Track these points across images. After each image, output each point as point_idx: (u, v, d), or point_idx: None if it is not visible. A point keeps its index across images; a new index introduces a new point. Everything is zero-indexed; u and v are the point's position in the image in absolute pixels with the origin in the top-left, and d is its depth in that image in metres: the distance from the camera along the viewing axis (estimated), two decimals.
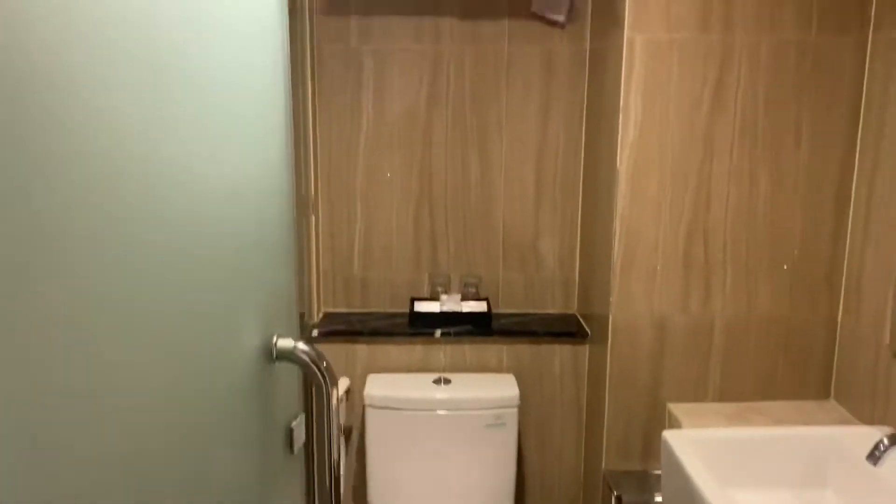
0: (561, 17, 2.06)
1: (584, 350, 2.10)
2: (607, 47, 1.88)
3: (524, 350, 2.08)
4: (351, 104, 2.11)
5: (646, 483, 1.87)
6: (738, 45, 1.72)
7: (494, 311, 2.15)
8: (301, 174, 2.02)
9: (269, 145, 0.88)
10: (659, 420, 1.88)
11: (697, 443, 1.57)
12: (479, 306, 2.11)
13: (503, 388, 2.00)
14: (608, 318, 1.84)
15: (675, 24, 1.71)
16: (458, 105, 2.12)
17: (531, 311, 2.21)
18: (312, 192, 2.08)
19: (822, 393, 1.87)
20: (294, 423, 0.90)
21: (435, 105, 2.12)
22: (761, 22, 1.71)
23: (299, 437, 0.90)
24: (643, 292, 1.82)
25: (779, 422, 1.76)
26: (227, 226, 0.71)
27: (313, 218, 2.12)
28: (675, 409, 1.84)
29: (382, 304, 2.21)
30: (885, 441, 1.39)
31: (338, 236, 2.18)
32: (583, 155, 2.16)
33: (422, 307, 2.11)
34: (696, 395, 1.87)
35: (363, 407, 2.01)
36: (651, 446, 1.89)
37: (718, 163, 1.78)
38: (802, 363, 1.86)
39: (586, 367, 2.13)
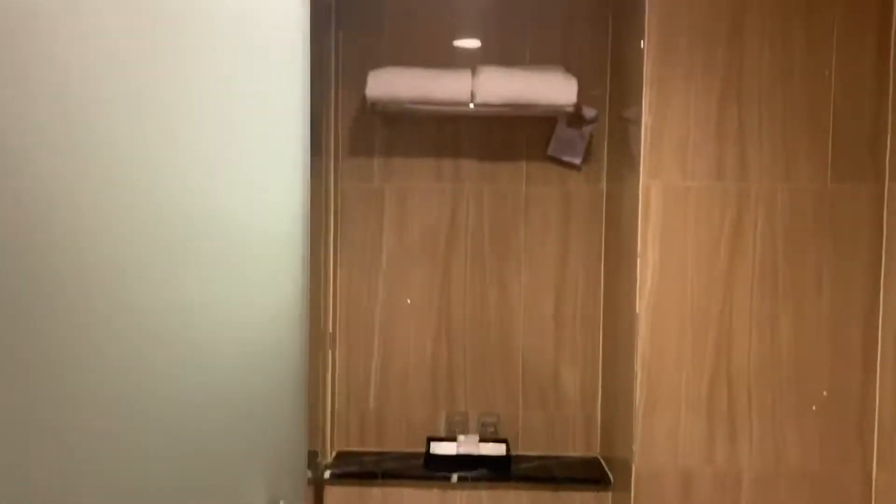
0: (577, 160, 2.11)
1: (608, 497, 2.02)
2: (623, 191, 1.92)
3: (545, 498, 2.00)
4: (372, 240, 2.15)
5: None
6: (754, 192, 1.75)
7: (514, 452, 2.08)
8: (320, 309, 2.03)
9: (285, 292, 0.87)
10: None
11: None
12: (497, 448, 2.05)
13: None
14: (631, 465, 1.78)
15: (690, 171, 1.74)
16: (477, 241, 2.15)
17: (552, 453, 2.14)
18: (330, 327, 2.08)
19: None
20: None
21: (454, 241, 2.15)
22: (776, 171, 1.74)
23: None
24: (667, 438, 1.76)
25: None
26: (231, 380, 0.69)
27: (330, 353, 2.11)
28: None
29: (398, 442, 2.16)
30: None
31: (354, 370, 2.16)
32: (602, 292, 2.15)
33: (438, 448, 2.05)
34: None
35: None
36: None
37: (739, 308, 1.76)
38: None
39: None
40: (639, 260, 1.76)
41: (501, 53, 2.11)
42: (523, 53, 2.11)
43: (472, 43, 2.11)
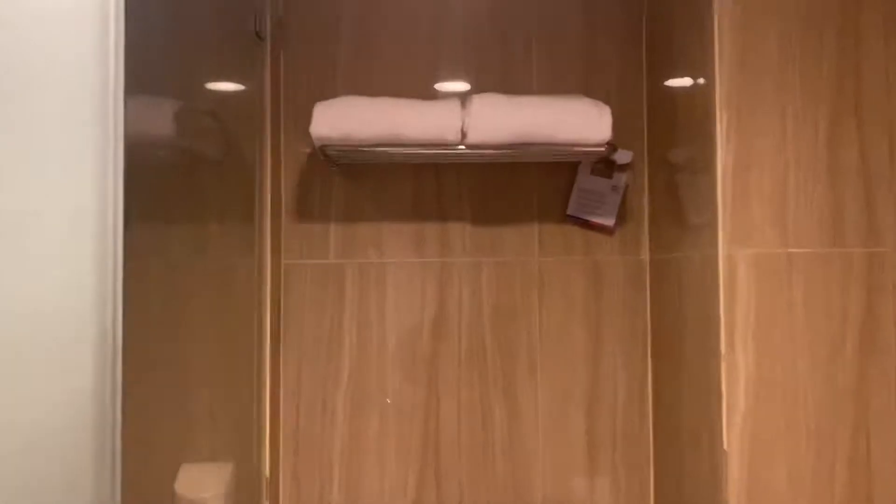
0: (609, 221, 1.54)
1: None
2: (683, 263, 1.34)
3: None
4: (328, 338, 1.54)
5: None
6: (892, 260, 1.17)
7: None
8: (251, 444, 1.41)
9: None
10: None
11: None
12: None
13: None
14: None
15: (793, 233, 1.17)
16: (473, 334, 1.55)
17: None
18: (267, 468, 1.45)
19: None
20: None
21: (443, 336, 1.55)
22: None
23: None
24: None
25: None
26: None
27: None
28: None
29: None
30: None
31: None
32: (651, 402, 1.55)
33: None
34: None
35: None
36: None
37: (879, 432, 1.16)
38: None
39: None
40: (723, 366, 1.16)
41: (501, 80, 1.55)
42: (527, 81, 1.56)
43: (460, 66, 1.56)
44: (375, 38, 1.56)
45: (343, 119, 1.31)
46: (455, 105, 1.36)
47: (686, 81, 1.32)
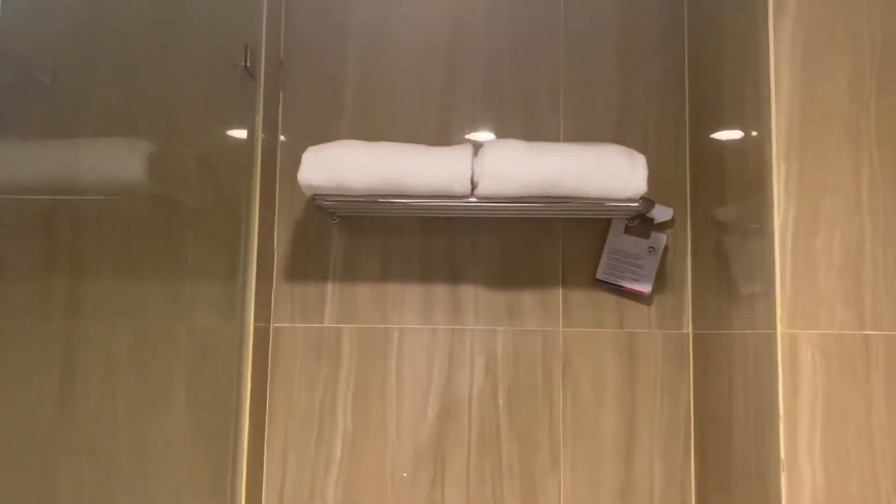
0: (645, 288, 1.33)
1: None
2: (735, 342, 1.12)
3: None
4: (320, 414, 1.35)
5: None
6: None
7: None
8: None
9: None
10: None
11: None
12: None
13: None
14: None
15: (871, 312, 0.95)
16: (487, 416, 1.34)
17: None
18: None
19: None
20: None
21: (451, 415, 1.34)
22: None
23: None
24: None
25: None
26: None
27: None
28: None
29: None
30: None
31: None
32: (694, 501, 1.31)
33: None
34: None
35: None
36: None
37: None
38: None
39: None
40: (784, 478, 0.93)
41: (522, 128, 1.38)
42: (553, 130, 1.39)
43: (478, 112, 1.39)
44: (384, 81, 1.41)
45: (336, 165, 1.15)
46: (466, 151, 1.19)
47: (736, 130, 1.12)
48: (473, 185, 1.17)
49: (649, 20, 1.40)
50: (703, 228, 1.30)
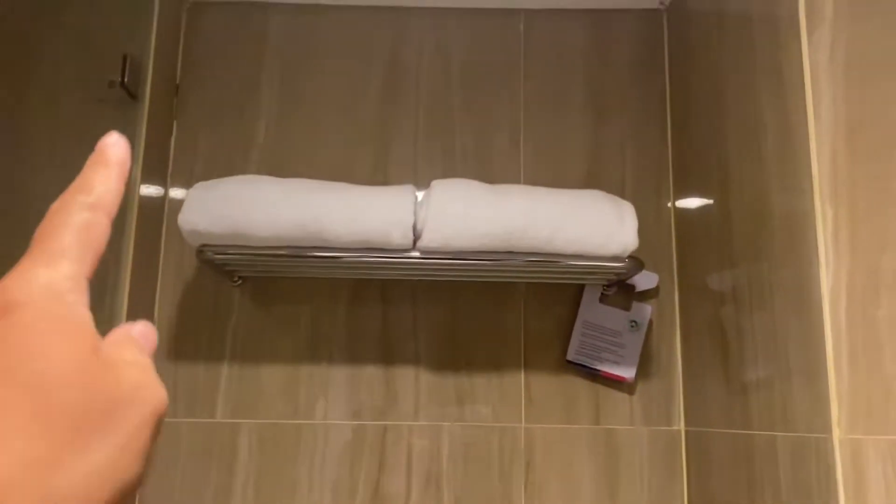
0: (628, 374, 1.06)
1: None
2: (756, 442, 0.85)
3: None
4: None
5: None
6: None
7: None
8: None
9: None
10: None
11: None
12: None
13: None
14: None
15: None
16: None
17: None
18: None
19: None
20: None
21: None
22: None
23: None
24: None
25: None
26: None
27: None
28: None
29: None
30: None
31: None
32: None
33: None
34: None
35: None
36: None
37: None
38: None
39: None
40: None
41: (477, 170, 1.13)
42: (512, 172, 1.14)
43: (421, 151, 1.13)
44: (307, 109, 1.14)
45: (231, 207, 0.85)
46: (408, 192, 0.92)
47: (748, 171, 0.89)
48: (416, 236, 0.89)
49: (620, 48, 1.18)
50: (694, 299, 1.05)
